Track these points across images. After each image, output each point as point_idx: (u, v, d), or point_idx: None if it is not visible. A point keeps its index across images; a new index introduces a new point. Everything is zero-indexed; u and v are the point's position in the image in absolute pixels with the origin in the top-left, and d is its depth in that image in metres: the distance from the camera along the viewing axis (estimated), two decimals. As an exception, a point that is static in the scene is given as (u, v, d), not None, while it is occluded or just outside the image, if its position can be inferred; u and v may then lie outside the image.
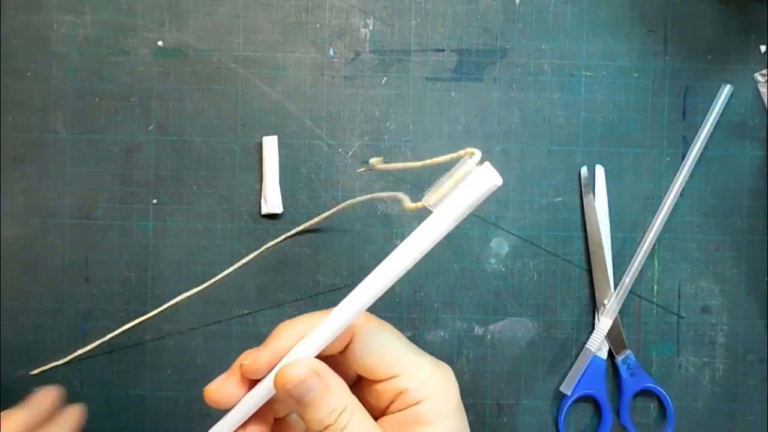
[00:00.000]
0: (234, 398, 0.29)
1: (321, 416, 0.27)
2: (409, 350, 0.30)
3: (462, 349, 0.48)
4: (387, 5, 0.48)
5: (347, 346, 0.29)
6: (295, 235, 0.48)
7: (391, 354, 0.29)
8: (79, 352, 0.47)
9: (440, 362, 0.30)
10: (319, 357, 0.28)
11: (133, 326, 0.47)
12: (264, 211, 0.47)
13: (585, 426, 0.49)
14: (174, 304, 0.47)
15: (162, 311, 0.47)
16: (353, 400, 0.28)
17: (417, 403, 0.29)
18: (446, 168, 0.27)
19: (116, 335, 0.47)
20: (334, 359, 0.30)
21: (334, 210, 0.45)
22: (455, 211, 0.26)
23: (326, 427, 0.27)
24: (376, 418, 0.29)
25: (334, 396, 0.28)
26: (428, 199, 0.26)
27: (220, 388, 0.29)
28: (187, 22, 0.48)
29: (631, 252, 0.48)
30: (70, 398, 0.47)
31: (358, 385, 0.31)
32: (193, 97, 0.48)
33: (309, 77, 0.48)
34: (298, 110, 0.48)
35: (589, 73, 0.48)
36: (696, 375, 0.49)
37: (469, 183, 0.25)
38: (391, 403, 0.29)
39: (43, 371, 0.47)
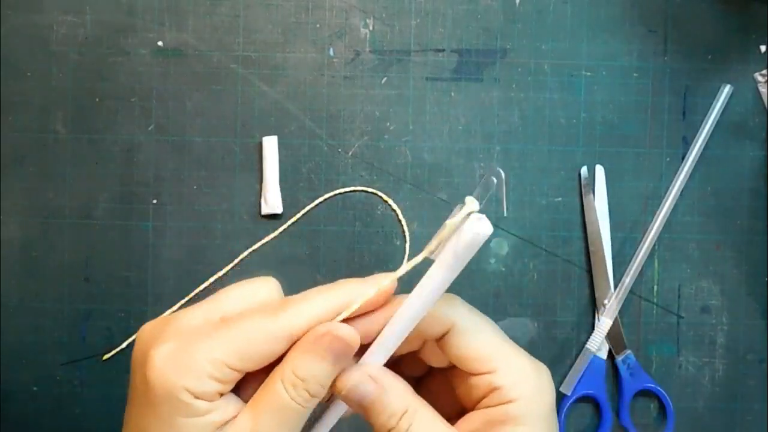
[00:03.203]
0: None
1: (381, 420, 0.28)
2: (508, 347, 0.29)
3: (462, 349, 0.48)
4: (387, 5, 0.48)
5: (444, 335, 0.29)
6: (294, 234, 0.48)
7: (489, 348, 0.29)
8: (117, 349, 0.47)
9: (539, 363, 0.30)
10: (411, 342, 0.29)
11: (133, 326, 0.47)
12: (264, 211, 0.47)
13: (585, 426, 0.49)
14: (173, 304, 0.47)
15: (168, 312, 0.47)
16: (415, 402, 0.28)
17: (509, 402, 0.28)
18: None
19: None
20: (428, 347, 0.30)
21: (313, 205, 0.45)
22: (449, 264, 0.27)
23: (389, 431, 0.27)
24: (465, 411, 0.29)
25: (392, 399, 0.28)
26: (430, 247, 0.27)
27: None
28: (187, 22, 0.48)
29: (631, 252, 0.48)
30: (70, 398, 0.47)
31: (452, 374, 0.30)
32: (193, 97, 0.48)
33: (309, 77, 0.48)
34: (298, 110, 0.48)
35: (589, 73, 0.48)
36: (696, 375, 0.49)
37: (460, 237, 0.26)
38: (482, 398, 0.29)
39: (43, 371, 0.47)
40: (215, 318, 0.27)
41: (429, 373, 0.32)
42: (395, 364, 0.30)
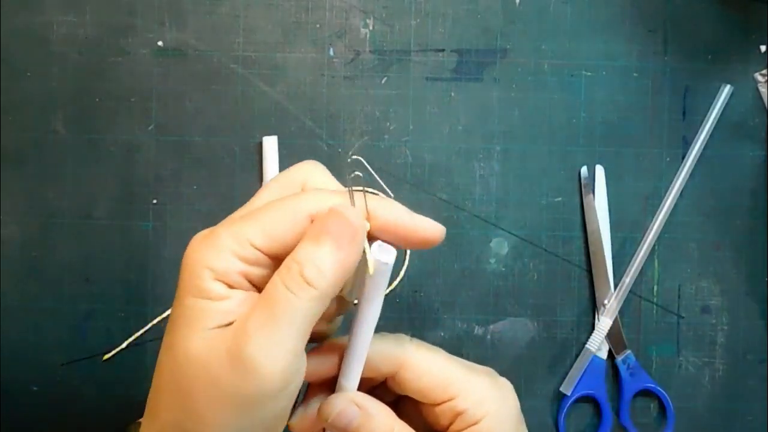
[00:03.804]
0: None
1: None
2: (463, 370, 0.29)
3: (462, 349, 0.48)
4: (387, 5, 0.48)
5: (397, 373, 0.29)
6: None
7: (444, 377, 0.29)
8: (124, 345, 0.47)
9: (498, 377, 0.30)
10: (365, 385, 0.29)
11: (133, 326, 0.47)
12: (264, 211, 0.47)
13: (585, 426, 0.49)
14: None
15: (169, 312, 0.47)
16: (399, 425, 0.28)
17: (476, 422, 0.28)
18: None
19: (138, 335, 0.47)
20: (386, 385, 0.30)
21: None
22: (371, 298, 0.27)
23: None
24: None
25: (378, 423, 0.28)
26: (344, 292, 0.28)
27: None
28: (187, 22, 0.48)
29: (631, 252, 0.48)
30: (70, 398, 0.47)
31: (418, 405, 0.30)
32: (193, 97, 0.48)
33: (309, 77, 0.48)
34: (298, 110, 0.48)
35: (589, 73, 0.48)
36: (696, 375, 0.49)
37: (368, 271, 0.26)
38: (450, 423, 0.29)
39: (43, 371, 0.47)
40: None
41: (400, 398, 0.32)
42: (369, 391, 0.30)
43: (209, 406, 0.24)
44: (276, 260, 0.26)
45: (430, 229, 0.27)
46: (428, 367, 0.29)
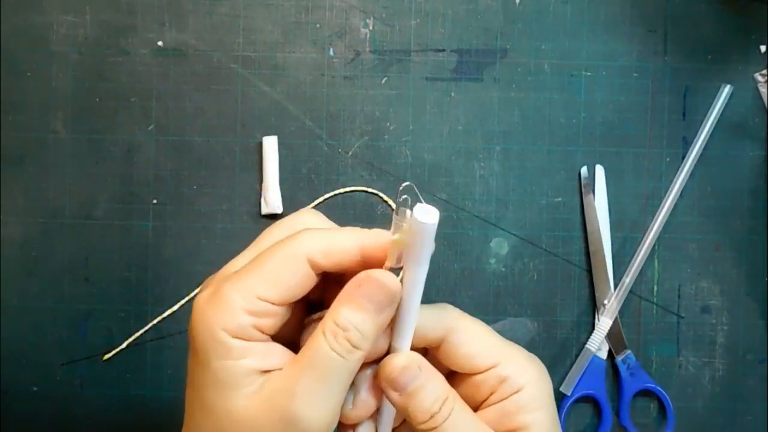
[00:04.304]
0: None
1: (426, 405, 0.27)
2: (503, 341, 0.30)
3: (462, 349, 0.48)
4: (387, 5, 0.48)
5: (442, 342, 0.30)
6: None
7: (488, 343, 0.30)
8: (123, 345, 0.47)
9: (532, 354, 0.31)
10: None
11: (133, 326, 0.47)
12: (264, 211, 0.47)
13: (585, 426, 0.49)
14: (173, 304, 0.47)
15: (169, 312, 0.47)
16: (453, 391, 0.29)
17: (518, 390, 0.29)
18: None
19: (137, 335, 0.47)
20: (430, 357, 0.30)
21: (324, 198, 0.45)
22: (417, 262, 0.27)
23: (431, 416, 0.27)
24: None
25: (436, 384, 0.28)
26: (390, 261, 0.27)
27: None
28: (187, 22, 0.48)
29: (631, 252, 0.48)
30: (70, 398, 0.47)
31: (452, 381, 0.31)
32: (193, 97, 0.48)
33: (309, 77, 0.48)
34: (298, 110, 0.48)
35: (589, 73, 0.48)
36: (696, 375, 0.49)
37: (414, 231, 0.26)
38: (490, 394, 0.29)
39: (43, 371, 0.47)
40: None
41: None
42: None
43: None
44: (284, 306, 0.27)
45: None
46: (475, 332, 0.30)
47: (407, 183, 0.27)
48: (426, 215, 0.25)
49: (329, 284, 0.29)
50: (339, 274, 0.28)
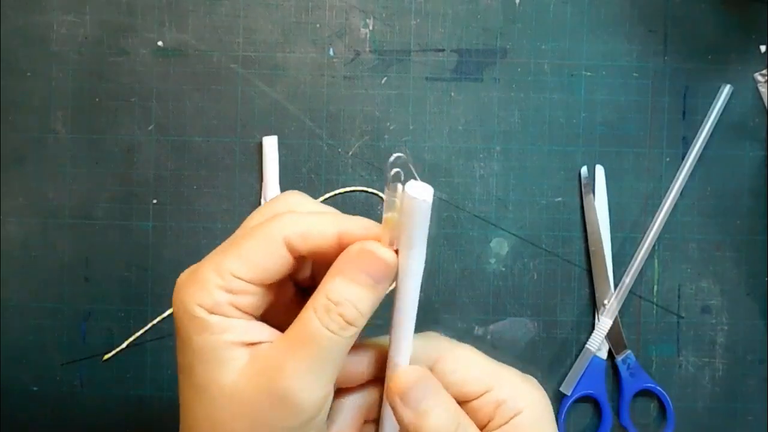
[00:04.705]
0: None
1: (441, 425, 0.26)
2: (496, 364, 0.29)
3: (462, 349, 0.48)
4: (387, 5, 0.48)
5: (434, 367, 0.29)
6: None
7: (480, 367, 0.29)
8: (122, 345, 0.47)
9: (526, 375, 0.30)
10: None
11: (133, 326, 0.47)
12: (264, 211, 0.47)
13: (585, 426, 0.49)
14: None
15: (169, 312, 0.47)
16: (462, 413, 0.27)
17: (518, 413, 0.28)
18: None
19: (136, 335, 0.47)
20: None
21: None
22: (413, 242, 0.25)
23: None
24: None
25: (451, 404, 0.27)
26: (385, 241, 0.26)
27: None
28: (187, 22, 0.48)
29: (631, 252, 0.48)
30: (70, 398, 0.47)
31: None
32: (193, 97, 0.48)
33: (309, 77, 0.48)
34: (298, 110, 0.48)
35: (589, 73, 0.48)
36: (696, 375, 0.49)
37: (408, 209, 0.24)
38: (489, 421, 0.28)
39: (43, 371, 0.47)
40: None
41: None
42: None
43: None
44: (261, 287, 0.26)
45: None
46: (464, 358, 0.29)
47: (399, 154, 0.25)
48: (419, 191, 0.24)
49: (320, 268, 0.28)
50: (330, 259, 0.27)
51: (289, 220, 0.26)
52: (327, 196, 0.48)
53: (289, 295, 0.29)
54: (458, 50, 0.48)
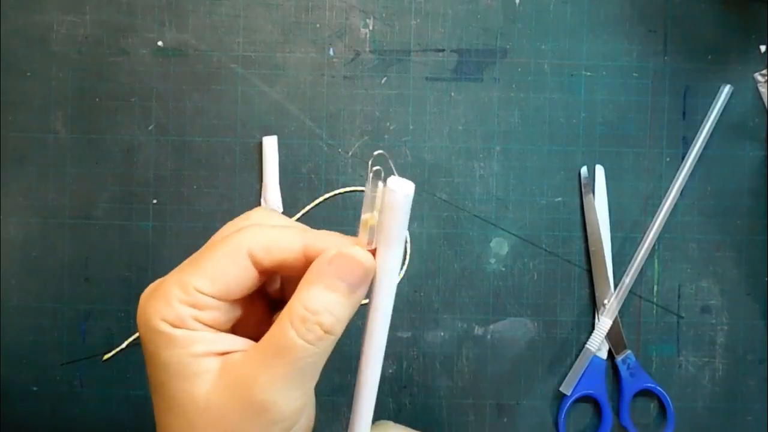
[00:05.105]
0: None
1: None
2: None
3: (462, 349, 0.48)
4: (387, 5, 0.48)
5: None
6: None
7: None
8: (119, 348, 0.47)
9: None
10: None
11: (133, 326, 0.47)
12: (264, 211, 0.47)
13: (585, 426, 0.49)
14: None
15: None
16: None
17: None
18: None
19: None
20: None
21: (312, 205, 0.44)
22: (391, 239, 0.25)
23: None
24: None
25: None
26: (362, 241, 0.25)
27: None
28: (187, 22, 0.48)
29: (631, 252, 0.48)
30: (70, 398, 0.47)
31: None
32: (193, 97, 0.48)
33: (309, 77, 0.48)
34: (298, 110, 0.48)
35: (589, 73, 0.48)
36: (696, 375, 0.49)
37: (388, 204, 0.24)
38: None
39: (43, 371, 0.47)
40: None
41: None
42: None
43: None
44: (226, 301, 0.25)
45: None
46: None
47: (379, 151, 0.25)
48: (400, 187, 0.24)
49: (288, 282, 0.28)
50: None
51: (252, 233, 0.25)
52: (327, 196, 0.48)
53: (262, 308, 0.29)
54: (458, 50, 0.48)
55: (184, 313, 0.25)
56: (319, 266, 0.25)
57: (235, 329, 0.27)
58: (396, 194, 0.24)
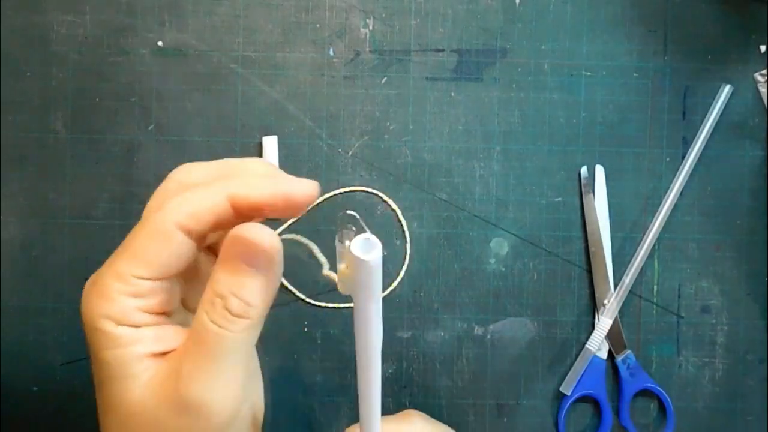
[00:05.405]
0: None
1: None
2: None
3: (462, 349, 0.48)
4: (387, 5, 0.48)
5: None
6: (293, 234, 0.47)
7: None
8: (79, 352, 0.47)
9: None
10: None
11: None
12: (264, 211, 0.47)
13: (585, 426, 0.49)
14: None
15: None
16: None
17: None
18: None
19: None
20: None
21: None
22: (365, 295, 0.24)
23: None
24: None
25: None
26: (334, 278, 0.25)
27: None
28: (187, 22, 0.48)
29: (631, 252, 0.48)
30: (70, 398, 0.47)
31: None
32: (193, 97, 0.48)
33: (309, 77, 0.48)
34: (298, 110, 0.48)
35: (589, 73, 0.48)
36: (696, 375, 0.49)
37: (356, 267, 0.23)
38: None
39: (43, 371, 0.47)
40: None
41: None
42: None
43: None
44: (169, 280, 0.24)
45: (297, 193, 0.24)
46: None
47: (349, 212, 0.24)
48: (366, 250, 0.23)
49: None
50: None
51: (175, 205, 0.24)
52: (327, 195, 0.48)
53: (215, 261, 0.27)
54: (458, 50, 0.48)
55: (128, 305, 0.24)
56: (224, 249, 0.24)
57: (189, 301, 0.26)
58: (360, 260, 0.23)
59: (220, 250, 0.24)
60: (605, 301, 0.48)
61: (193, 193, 0.24)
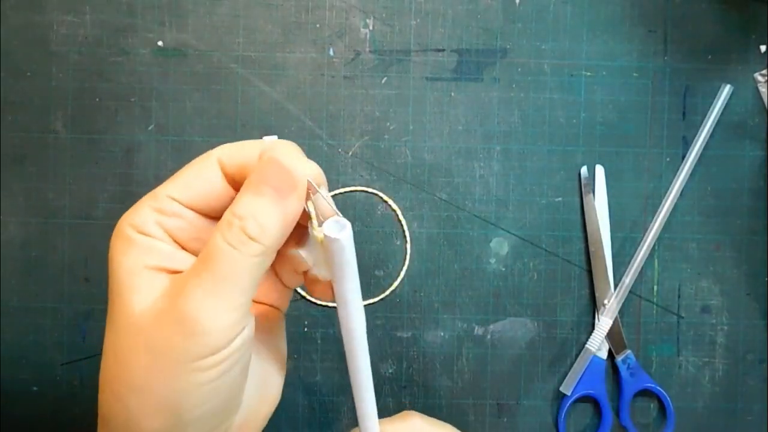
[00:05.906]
0: None
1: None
2: None
3: (462, 349, 0.48)
4: (387, 5, 0.48)
5: None
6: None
7: None
8: (79, 352, 0.47)
9: None
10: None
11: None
12: (264, 211, 0.47)
13: (585, 426, 0.49)
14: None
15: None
16: None
17: None
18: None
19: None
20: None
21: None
22: (340, 275, 0.25)
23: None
24: None
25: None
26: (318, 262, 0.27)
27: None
28: (187, 22, 0.48)
29: (631, 252, 0.48)
30: (69, 398, 0.47)
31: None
32: (193, 97, 0.48)
33: (309, 77, 0.48)
34: (298, 110, 0.48)
35: (589, 73, 0.48)
36: (696, 375, 0.49)
37: (327, 248, 0.24)
38: None
39: (43, 371, 0.47)
40: None
41: None
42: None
43: (149, 370, 0.23)
44: (194, 212, 0.26)
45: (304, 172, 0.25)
46: None
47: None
48: (334, 229, 0.24)
49: None
50: None
51: (223, 145, 0.26)
52: (327, 196, 0.48)
53: None
54: (458, 50, 0.48)
55: (149, 217, 0.25)
56: (253, 174, 0.25)
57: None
58: (331, 239, 0.24)
59: (250, 174, 0.25)
60: (605, 301, 0.48)
61: (241, 141, 0.26)
